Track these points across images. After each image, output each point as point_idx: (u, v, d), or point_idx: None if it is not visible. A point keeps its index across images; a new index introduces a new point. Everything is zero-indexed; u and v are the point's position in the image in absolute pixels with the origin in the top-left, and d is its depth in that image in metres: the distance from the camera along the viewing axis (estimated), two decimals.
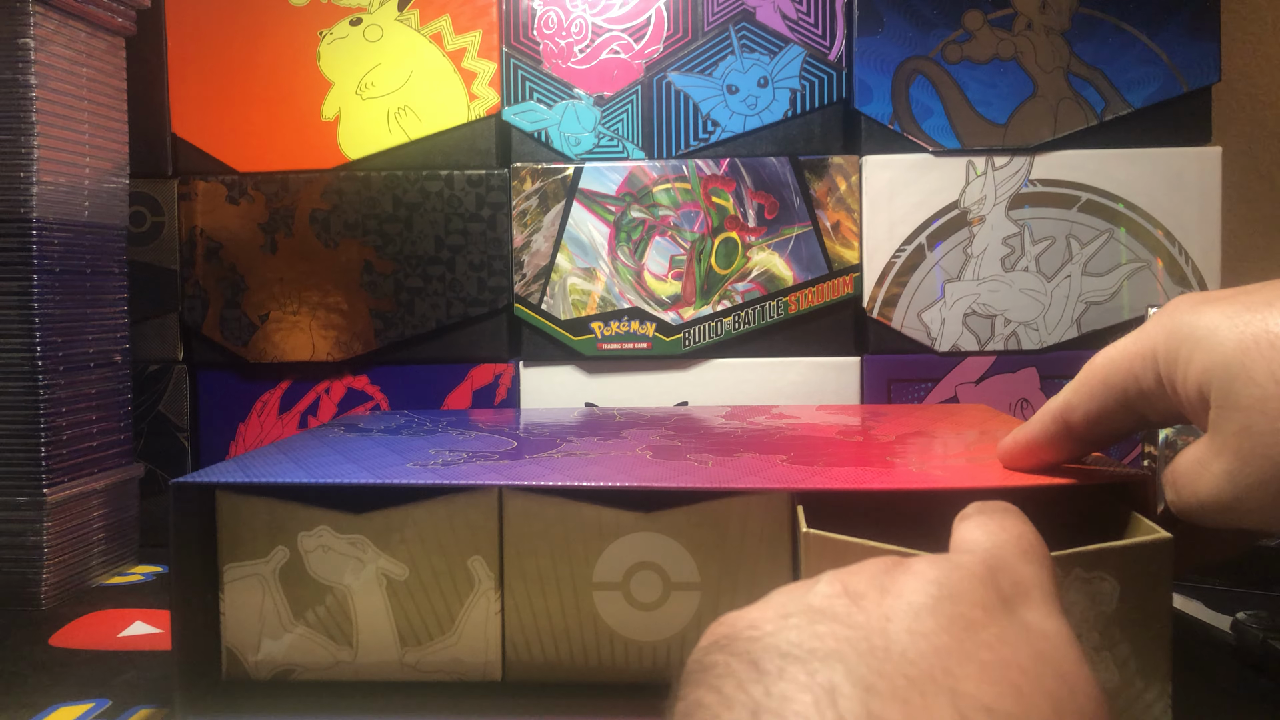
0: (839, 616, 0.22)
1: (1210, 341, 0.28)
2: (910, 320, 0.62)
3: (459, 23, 0.63)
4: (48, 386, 0.51)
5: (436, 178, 0.63)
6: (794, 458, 0.40)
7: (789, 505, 0.37)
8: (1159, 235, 0.60)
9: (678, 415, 0.55)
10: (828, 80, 0.62)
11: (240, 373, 0.64)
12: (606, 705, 0.37)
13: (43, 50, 0.51)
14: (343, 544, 0.38)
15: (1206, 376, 0.28)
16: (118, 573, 0.57)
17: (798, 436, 0.46)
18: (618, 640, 0.38)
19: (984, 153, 0.61)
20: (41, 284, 0.51)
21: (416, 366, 0.64)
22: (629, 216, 0.62)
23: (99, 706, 0.38)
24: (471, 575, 0.38)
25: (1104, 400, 0.32)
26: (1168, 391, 0.30)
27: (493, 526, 0.38)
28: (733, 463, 0.39)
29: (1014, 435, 0.36)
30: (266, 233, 0.63)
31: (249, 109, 0.64)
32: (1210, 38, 0.60)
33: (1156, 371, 0.30)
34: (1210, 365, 0.28)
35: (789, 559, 0.37)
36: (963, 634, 0.21)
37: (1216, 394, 0.28)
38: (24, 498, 0.51)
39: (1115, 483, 0.35)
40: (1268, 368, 0.27)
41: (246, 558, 0.38)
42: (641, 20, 0.63)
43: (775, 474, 0.37)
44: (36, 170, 0.51)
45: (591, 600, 0.38)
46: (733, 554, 0.37)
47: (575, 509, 0.37)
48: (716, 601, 0.37)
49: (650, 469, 0.38)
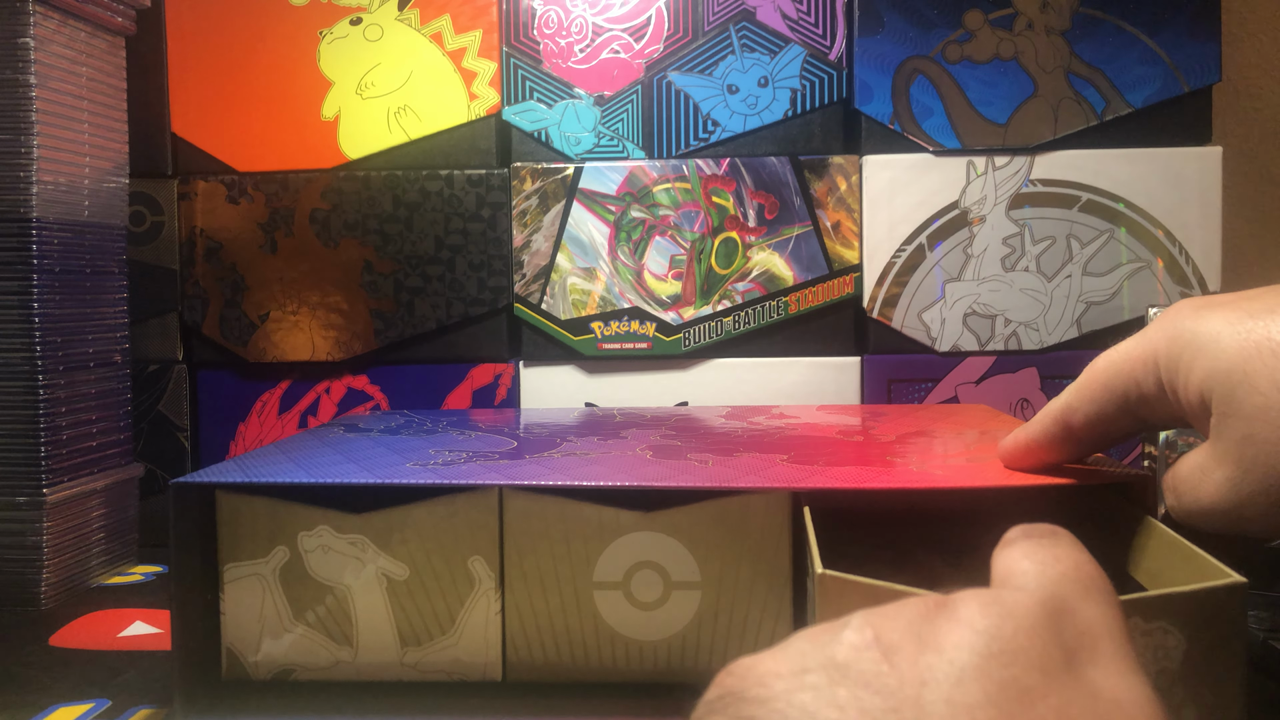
0: (865, 678, 0.18)
1: (1212, 348, 0.28)
2: (910, 320, 0.62)
3: (459, 22, 0.63)
4: (48, 386, 0.51)
5: (436, 177, 0.63)
6: (794, 457, 0.40)
7: (790, 504, 0.37)
8: (1159, 235, 0.60)
9: (678, 415, 0.55)
10: (828, 80, 0.62)
11: (240, 373, 0.64)
12: (607, 705, 0.37)
13: (43, 50, 0.51)
14: (343, 544, 0.38)
15: (1208, 383, 0.28)
16: (118, 573, 0.57)
17: (798, 436, 0.46)
18: (618, 640, 0.38)
19: (984, 153, 0.61)
20: (41, 284, 0.51)
21: (416, 366, 0.64)
22: (629, 216, 0.62)
23: (99, 706, 0.38)
24: (472, 575, 0.38)
25: (1104, 403, 0.32)
26: (1169, 397, 0.30)
27: (493, 526, 0.38)
28: (733, 462, 0.39)
29: (1014, 436, 0.36)
30: (266, 232, 0.63)
31: (249, 109, 0.64)
32: (1210, 38, 0.60)
33: (1158, 376, 0.30)
34: (1212, 372, 0.28)
35: (789, 558, 0.37)
36: (1016, 707, 0.17)
37: (1218, 401, 0.28)
38: (24, 498, 0.51)
39: (1117, 483, 0.35)
40: (1270, 376, 0.26)
41: (246, 558, 0.38)
42: (642, 20, 0.63)
43: (776, 473, 0.37)
44: (36, 170, 0.51)
45: (592, 600, 0.38)
46: (733, 553, 0.37)
47: (576, 508, 0.37)
48: (717, 601, 0.37)
49: (650, 468, 0.38)
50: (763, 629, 0.37)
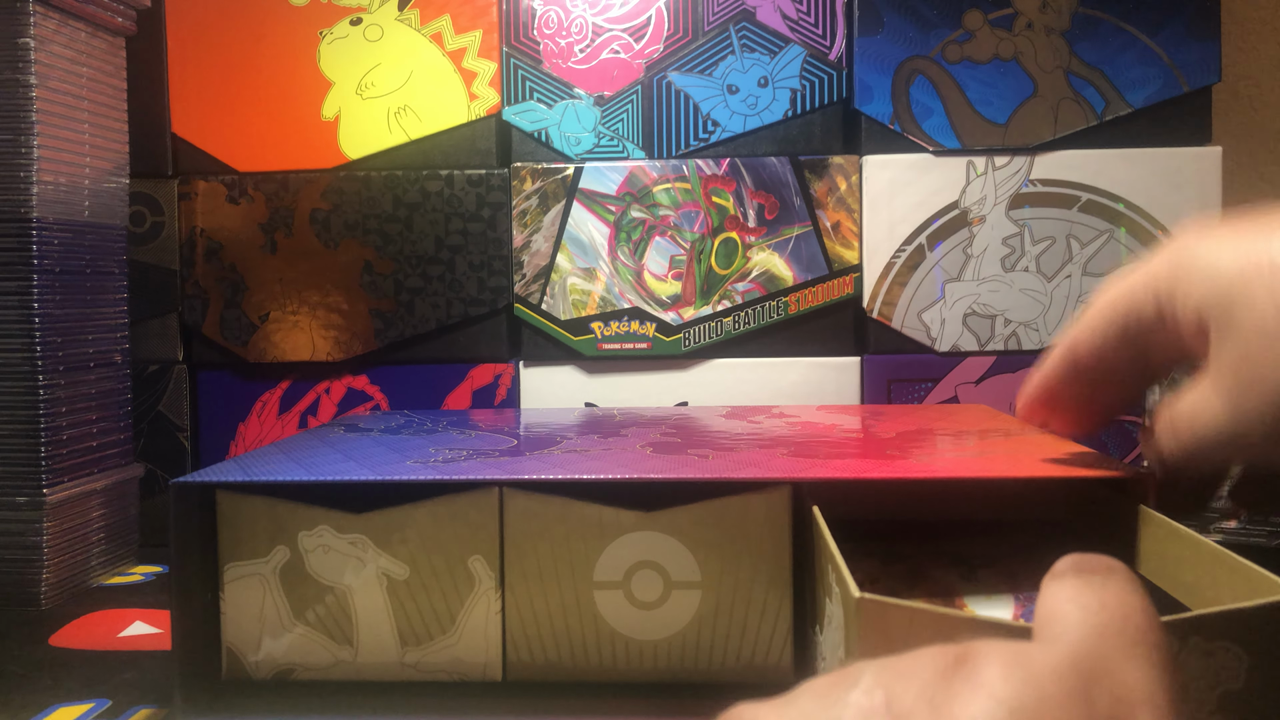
0: None
1: (1210, 269, 0.27)
2: (910, 320, 0.62)
3: (459, 22, 0.63)
4: (48, 386, 0.51)
5: (436, 178, 0.63)
6: (795, 451, 0.40)
7: (790, 503, 0.37)
8: (1159, 235, 0.60)
9: (678, 415, 0.55)
10: (828, 80, 0.62)
11: (240, 373, 0.64)
12: (607, 705, 0.37)
13: (43, 50, 0.51)
14: (343, 544, 0.38)
15: (1206, 303, 0.27)
16: (118, 573, 0.57)
17: (798, 434, 0.46)
18: (619, 640, 0.38)
19: (984, 153, 0.61)
20: (41, 284, 0.51)
21: (416, 366, 0.64)
22: (629, 216, 0.62)
23: (99, 706, 0.38)
24: (472, 575, 0.38)
25: (1106, 333, 0.31)
26: (1168, 324, 0.29)
27: (493, 526, 0.38)
28: (734, 456, 0.39)
29: (1030, 377, 0.35)
30: (266, 233, 0.63)
31: (249, 109, 0.64)
32: (1210, 38, 0.60)
33: (1158, 303, 0.29)
34: (1210, 291, 0.27)
35: (789, 558, 0.37)
36: None
37: (1216, 321, 0.27)
38: (24, 498, 0.51)
39: (1118, 477, 0.35)
40: (1268, 291, 0.25)
41: (247, 557, 0.38)
42: (641, 20, 0.63)
43: (777, 465, 0.37)
44: (36, 170, 0.51)
45: (592, 599, 0.38)
46: (733, 553, 0.37)
47: (576, 508, 0.37)
48: (717, 601, 0.37)
49: (650, 463, 0.38)
50: (762, 629, 0.37)
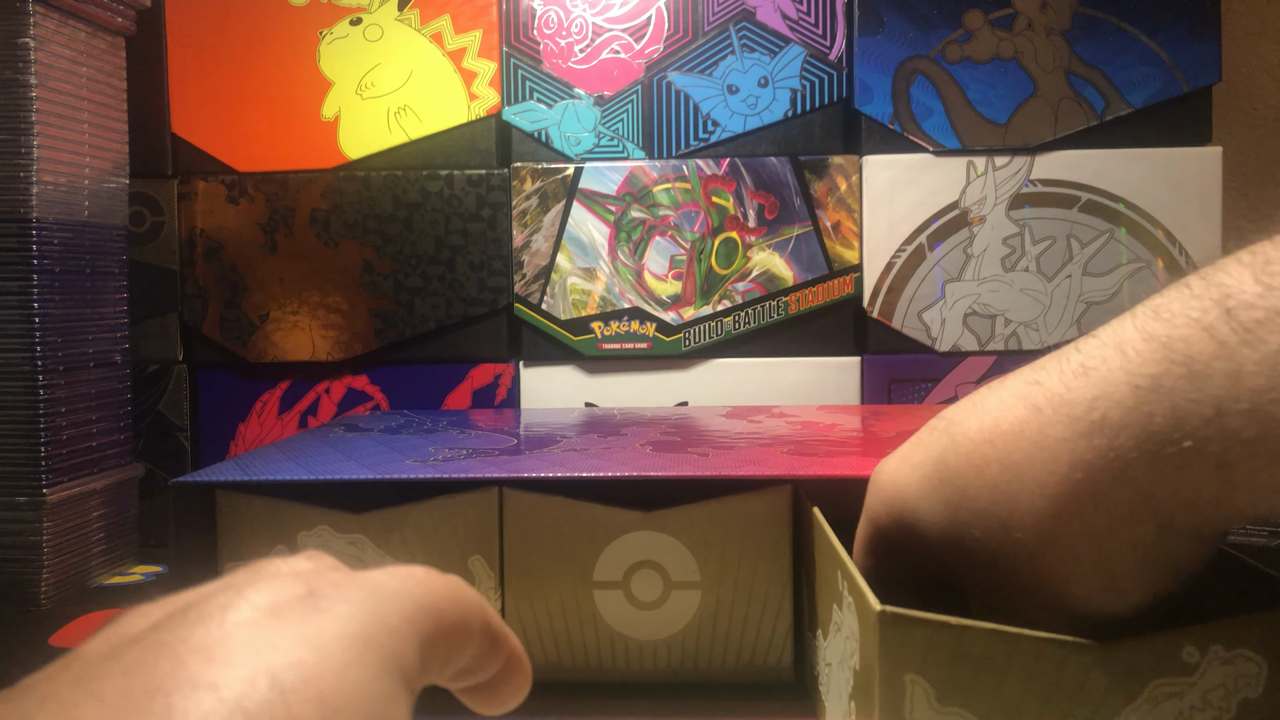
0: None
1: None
2: (910, 320, 0.62)
3: (459, 22, 0.63)
4: (48, 386, 0.51)
5: (436, 178, 0.63)
6: (795, 450, 0.40)
7: (790, 503, 0.37)
8: (1159, 235, 0.60)
9: (678, 415, 0.55)
10: (828, 80, 0.62)
11: (240, 373, 0.64)
12: (607, 705, 0.37)
13: (43, 50, 0.51)
14: (342, 543, 0.38)
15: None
16: (118, 573, 0.57)
17: (799, 433, 0.46)
18: (618, 639, 0.38)
19: (984, 153, 0.61)
20: (41, 284, 0.51)
21: (416, 366, 0.64)
22: (629, 216, 0.62)
23: None
24: (472, 575, 0.38)
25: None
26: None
27: (493, 526, 0.38)
28: (733, 454, 0.39)
29: None
30: (266, 233, 0.63)
31: (249, 109, 0.64)
32: (1210, 38, 0.60)
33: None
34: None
35: (789, 559, 0.37)
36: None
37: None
38: (24, 498, 0.51)
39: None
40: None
41: (246, 557, 0.38)
42: (642, 20, 0.63)
43: (777, 464, 0.37)
44: (36, 170, 0.51)
45: (592, 599, 0.38)
46: (734, 552, 0.37)
47: (576, 508, 0.37)
48: (717, 600, 0.37)
49: (650, 462, 0.38)
50: (762, 629, 0.37)
